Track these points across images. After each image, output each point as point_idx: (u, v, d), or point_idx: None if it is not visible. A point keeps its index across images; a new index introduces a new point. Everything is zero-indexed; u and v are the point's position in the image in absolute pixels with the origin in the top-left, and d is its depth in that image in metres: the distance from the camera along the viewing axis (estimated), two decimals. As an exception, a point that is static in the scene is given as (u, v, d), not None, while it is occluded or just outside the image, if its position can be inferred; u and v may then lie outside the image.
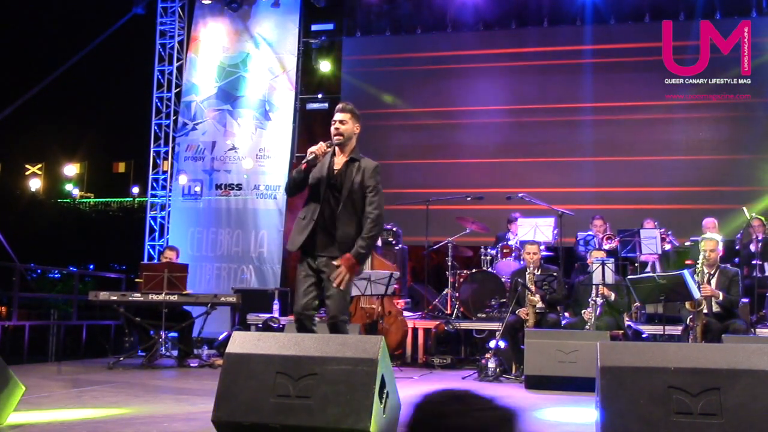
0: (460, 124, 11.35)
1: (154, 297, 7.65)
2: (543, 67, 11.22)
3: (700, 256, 6.75)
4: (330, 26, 11.84)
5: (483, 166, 11.13)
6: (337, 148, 4.50)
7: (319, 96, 11.75)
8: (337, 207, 4.38)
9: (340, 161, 4.48)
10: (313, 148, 4.44)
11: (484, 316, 8.54)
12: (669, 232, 9.01)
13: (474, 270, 9.07)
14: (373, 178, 4.46)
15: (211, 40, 11.42)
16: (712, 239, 6.98)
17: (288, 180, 4.60)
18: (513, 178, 10.65)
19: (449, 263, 9.16)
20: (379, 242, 8.81)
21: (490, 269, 9.12)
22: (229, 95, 11.26)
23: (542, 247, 7.91)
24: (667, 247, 8.89)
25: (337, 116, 4.48)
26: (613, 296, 7.27)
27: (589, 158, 10.95)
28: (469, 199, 9.65)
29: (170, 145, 11.42)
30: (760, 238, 8.54)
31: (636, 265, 8.79)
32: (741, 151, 10.46)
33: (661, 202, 10.38)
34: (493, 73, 11.36)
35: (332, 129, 4.47)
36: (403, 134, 11.55)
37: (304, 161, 4.44)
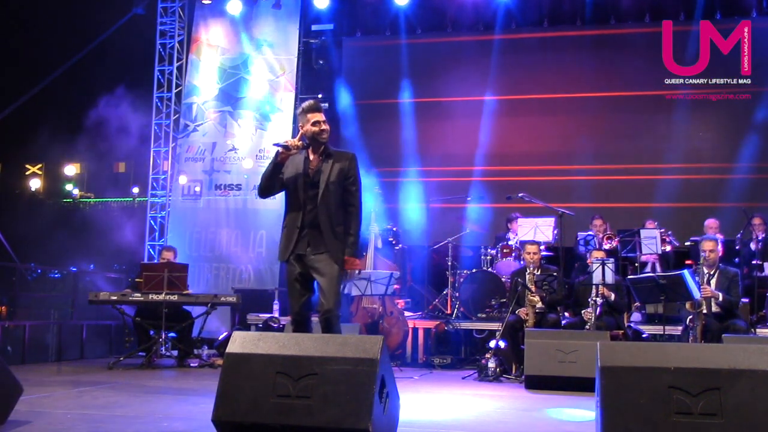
0: (460, 124, 11.34)
1: (154, 297, 7.65)
2: (542, 66, 11.22)
3: (700, 257, 6.76)
4: (330, 26, 11.83)
5: (482, 166, 11.13)
6: (310, 148, 4.45)
7: (319, 96, 11.71)
8: (318, 205, 4.36)
9: (314, 160, 4.44)
10: (288, 141, 4.40)
11: (484, 316, 8.54)
12: (669, 233, 9.01)
13: (474, 270, 9.07)
14: (354, 168, 4.46)
15: (212, 42, 11.41)
16: (710, 239, 7.00)
17: (261, 178, 4.46)
18: (512, 179, 10.64)
19: (449, 263, 9.16)
20: (380, 243, 8.80)
21: (490, 269, 9.12)
22: (229, 97, 11.24)
23: (542, 247, 7.91)
24: (668, 247, 8.89)
25: (321, 116, 4.42)
26: (613, 296, 7.28)
27: (589, 157, 10.94)
28: (469, 199, 9.65)
29: (170, 145, 11.41)
30: (760, 237, 8.54)
31: (636, 265, 8.79)
32: (741, 151, 10.46)
33: (661, 201, 10.37)
34: (493, 74, 11.34)
35: (316, 129, 4.38)
36: (402, 134, 11.53)
37: (280, 147, 4.33)
